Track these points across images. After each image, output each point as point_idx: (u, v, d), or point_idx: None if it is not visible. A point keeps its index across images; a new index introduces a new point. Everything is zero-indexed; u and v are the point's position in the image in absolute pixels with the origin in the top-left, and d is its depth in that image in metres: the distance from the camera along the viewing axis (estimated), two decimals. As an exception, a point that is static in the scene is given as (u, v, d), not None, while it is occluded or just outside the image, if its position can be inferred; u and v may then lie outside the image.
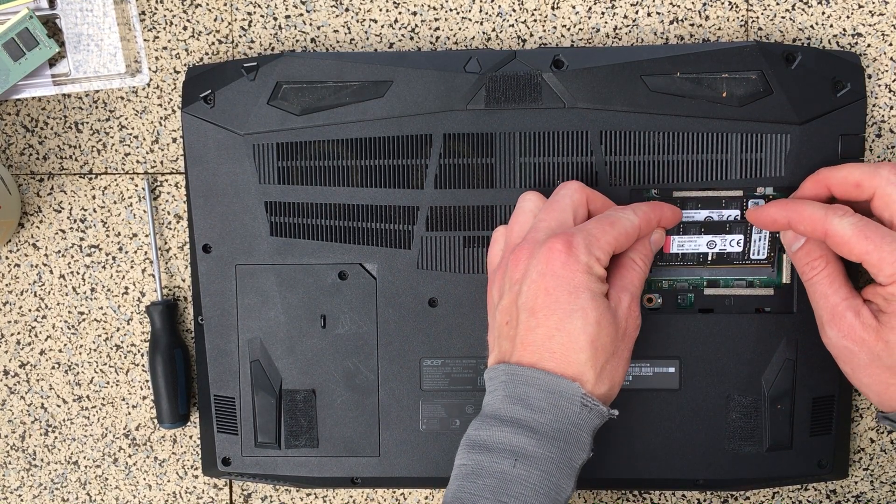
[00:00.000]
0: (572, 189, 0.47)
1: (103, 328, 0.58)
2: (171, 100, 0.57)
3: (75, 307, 0.58)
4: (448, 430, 0.54)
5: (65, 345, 0.59)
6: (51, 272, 0.58)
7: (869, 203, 0.46)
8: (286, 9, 0.56)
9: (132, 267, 0.58)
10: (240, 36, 0.56)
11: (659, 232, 0.49)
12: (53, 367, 0.59)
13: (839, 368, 0.52)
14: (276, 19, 0.56)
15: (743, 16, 0.55)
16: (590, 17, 0.55)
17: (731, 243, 0.52)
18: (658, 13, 0.55)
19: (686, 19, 0.55)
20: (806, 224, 0.46)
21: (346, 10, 0.56)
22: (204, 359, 0.55)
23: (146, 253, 0.58)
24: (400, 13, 0.56)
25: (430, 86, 0.52)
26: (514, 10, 0.55)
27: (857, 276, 0.51)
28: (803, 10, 0.54)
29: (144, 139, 0.57)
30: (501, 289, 0.46)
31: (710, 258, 0.52)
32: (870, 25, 0.54)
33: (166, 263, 0.58)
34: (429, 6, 0.56)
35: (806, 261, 0.48)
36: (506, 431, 0.43)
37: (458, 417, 0.54)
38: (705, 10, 0.55)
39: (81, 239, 0.58)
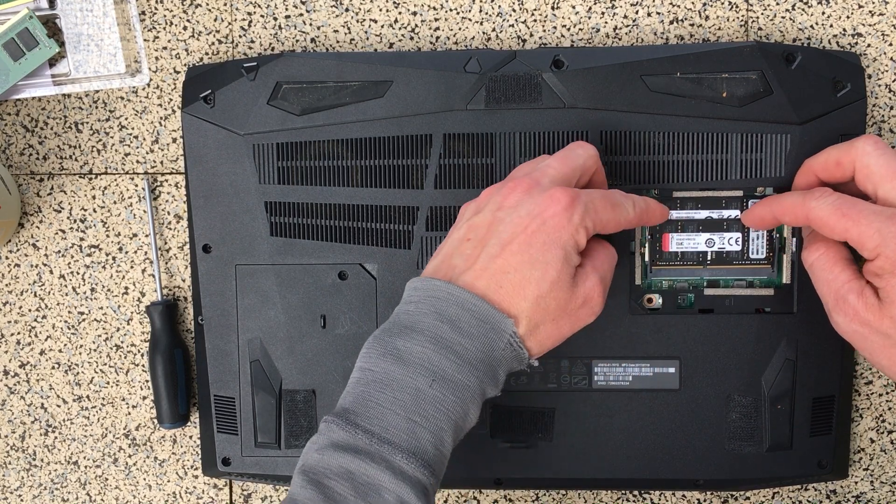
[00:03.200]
0: (589, 153, 0.47)
1: (103, 328, 0.58)
2: (171, 100, 0.57)
3: (75, 307, 0.58)
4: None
5: (65, 345, 0.59)
6: (51, 272, 0.58)
7: (853, 180, 0.46)
8: (286, 9, 0.56)
9: (132, 267, 0.58)
10: (240, 36, 0.56)
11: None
12: (53, 367, 0.59)
13: (839, 368, 0.52)
14: (276, 19, 0.56)
15: (743, 16, 0.55)
16: (590, 17, 0.55)
17: (729, 241, 0.52)
18: (658, 13, 0.55)
19: (686, 19, 0.55)
20: (788, 213, 0.46)
21: (346, 10, 0.56)
22: (204, 359, 0.55)
23: (146, 253, 0.58)
24: (400, 13, 0.56)
25: (430, 86, 0.52)
26: (514, 10, 0.55)
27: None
28: (803, 10, 0.54)
29: (144, 139, 0.57)
30: (480, 206, 0.45)
31: (709, 257, 0.52)
32: (870, 25, 0.54)
33: (166, 263, 0.58)
34: (429, 6, 0.56)
35: (808, 247, 0.48)
36: (428, 348, 0.42)
37: (458, 417, 0.54)
38: (705, 10, 0.55)
39: (81, 239, 0.58)
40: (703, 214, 0.52)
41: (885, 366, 0.45)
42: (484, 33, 0.56)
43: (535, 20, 0.55)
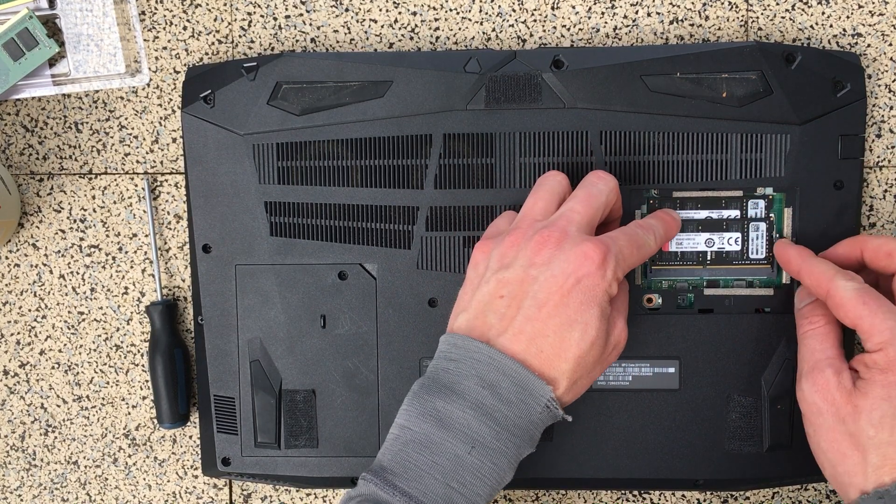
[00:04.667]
0: (610, 187, 0.47)
1: (103, 328, 0.58)
2: (170, 100, 0.57)
3: (75, 307, 0.58)
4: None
5: (65, 345, 0.59)
6: (51, 272, 0.58)
7: (893, 277, 0.46)
8: (286, 9, 0.56)
9: (132, 267, 0.58)
10: (240, 36, 0.56)
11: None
12: (53, 367, 0.59)
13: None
14: (276, 19, 0.56)
15: (743, 16, 0.55)
16: (590, 17, 0.55)
17: (729, 241, 0.52)
18: (658, 13, 0.55)
19: (686, 19, 0.55)
20: (813, 278, 0.46)
21: (346, 10, 0.56)
22: (204, 359, 0.55)
23: (146, 253, 0.58)
24: (400, 13, 0.56)
25: (430, 86, 0.52)
26: (514, 10, 0.55)
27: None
28: (803, 10, 0.54)
29: (144, 139, 0.57)
30: (508, 258, 0.45)
31: (709, 257, 0.52)
32: (870, 25, 0.54)
33: (166, 263, 0.58)
34: (429, 6, 0.56)
35: (807, 316, 0.48)
36: (468, 414, 0.42)
37: (458, 417, 0.54)
38: (705, 10, 0.55)
39: (81, 239, 0.58)
40: (702, 214, 0.52)
41: (823, 448, 0.45)
42: (484, 33, 0.56)
43: (535, 20, 0.55)
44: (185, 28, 0.56)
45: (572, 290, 0.43)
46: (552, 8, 0.55)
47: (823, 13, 0.54)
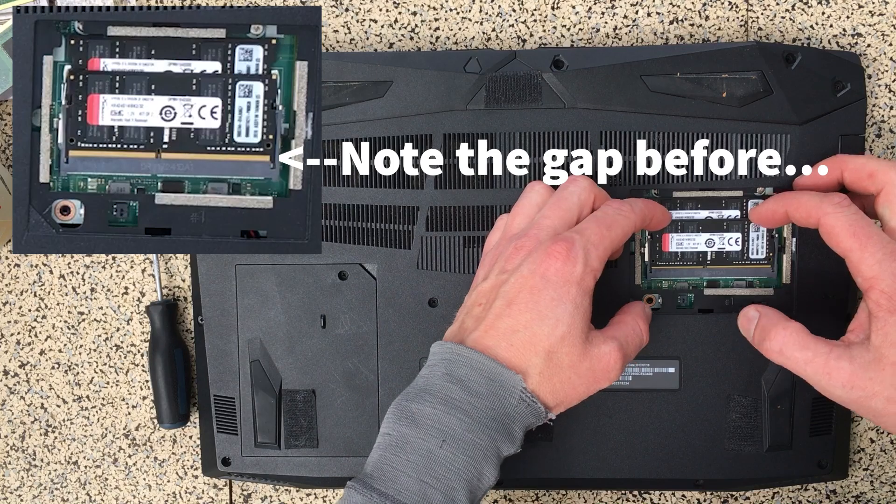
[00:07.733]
0: (581, 187, 0.47)
1: (103, 328, 0.58)
2: (171, 100, 0.57)
3: (75, 307, 0.58)
4: (448, 430, 0.54)
5: (65, 345, 0.59)
6: (51, 272, 0.58)
7: (875, 198, 0.46)
8: (286, 9, 0.56)
9: (132, 267, 0.58)
10: (240, 36, 0.56)
11: (649, 306, 0.50)
12: (53, 367, 0.59)
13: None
14: (276, 19, 0.56)
15: (743, 16, 0.55)
16: (590, 17, 0.55)
17: (729, 241, 0.52)
18: (658, 13, 0.55)
19: (686, 19, 0.55)
20: (802, 211, 0.46)
21: (346, 10, 0.56)
22: (204, 359, 0.55)
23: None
24: (400, 13, 0.56)
25: (430, 86, 0.52)
26: (514, 10, 0.55)
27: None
28: (803, 10, 0.54)
29: (144, 139, 0.57)
30: (488, 272, 0.46)
31: (709, 257, 0.52)
32: (870, 25, 0.54)
33: (166, 263, 0.58)
34: (429, 6, 0.56)
35: (764, 336, 0.45)
36: (438, 409, 0.42)
37: (458, 417, 0.54)
38: (705, 10, 0.55)
39: (81, 239, 0.58)
40: (702, 214, 0.52)
41: (894, 423, 0.42)
42: (484, 33, 0.56)
43: (535, 20, 0.55)
44: (185, 28, 0.56)
45: (541, 287, 0.43)
46: (552, 8, 0.55)
47: (823, 13, 0.54)
